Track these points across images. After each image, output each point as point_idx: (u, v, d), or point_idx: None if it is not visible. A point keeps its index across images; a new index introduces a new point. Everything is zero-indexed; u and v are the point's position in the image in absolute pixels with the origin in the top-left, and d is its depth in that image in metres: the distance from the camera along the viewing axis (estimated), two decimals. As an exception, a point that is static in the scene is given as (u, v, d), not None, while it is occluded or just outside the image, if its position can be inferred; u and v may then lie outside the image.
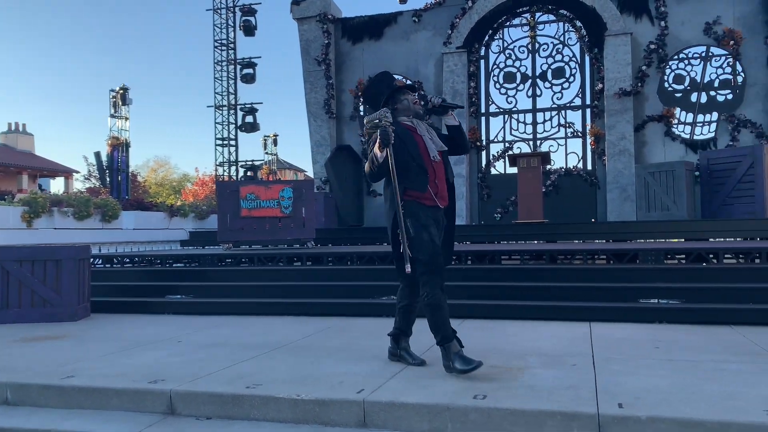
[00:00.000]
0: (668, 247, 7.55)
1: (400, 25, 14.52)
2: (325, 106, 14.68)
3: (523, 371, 4.01)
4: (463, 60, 13.91)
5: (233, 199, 9.71)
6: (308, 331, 5.79)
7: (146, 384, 3.83)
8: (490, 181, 14.07)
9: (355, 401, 3.39)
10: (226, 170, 20.59)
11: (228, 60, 20.11)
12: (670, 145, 12.71)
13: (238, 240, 9.99)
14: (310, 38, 14.91)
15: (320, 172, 14.65)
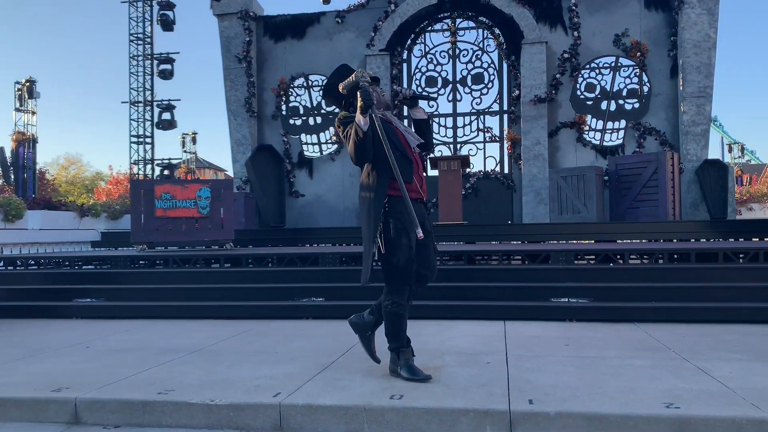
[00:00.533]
0: (578, 248, 7.88)
1: (324, 25, 14.47)
2: (246, 105, 14.42)
3: (440, 370, 4.09)
4: (386, 63, 14.01)
5: (148, 199, 9.37)
6: (226, 335, 5.67)
7: (49, 393, 3.64)
8: (411, 183, 14.21)
9: (271, 405, 3.34)
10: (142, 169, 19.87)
11: (144, 55, 19.41)
12: (582, 151, 13.28)
13: (153, 241, 9.65)
14: (230, 35, 14.61)
15: (240, 172, 14.38)
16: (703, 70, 12.47)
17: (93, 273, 8.22)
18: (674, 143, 12.81)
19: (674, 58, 12.89)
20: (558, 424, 3.14)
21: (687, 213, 12.30)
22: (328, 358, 4.52)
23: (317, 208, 14.35)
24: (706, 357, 4.40)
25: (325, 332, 5.73)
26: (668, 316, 6.05)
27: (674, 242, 9.80)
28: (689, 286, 6.46)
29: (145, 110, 19.67)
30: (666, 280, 6.65)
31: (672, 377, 3.83)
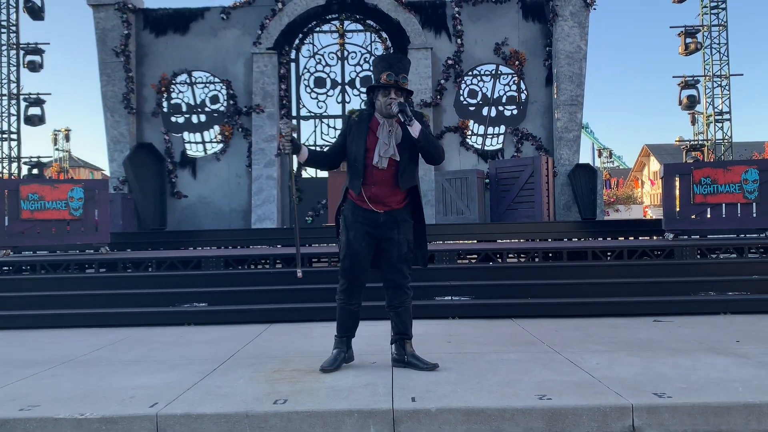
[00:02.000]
0: (461, 247, 8.16)
1: (208, 20, 14.03)
2: (124, 101, 13.69)
3: (326, 373, 4.08)
4: (273, 61, 13.82)
5: (12, 200, 8.66)
6: (100, 344, 5.35)
7: None
8: (301, 184, 14.12)
9: (147, 416, 3.20)
10: (7, 167, 18.36)
11: (9, 44, 17.94)
12: (465, 155, 13.77)
13: (19, 245, 8.95)
14: (107, 27, 13.81)
15: (118, 171, 13.63)
16: (575, 80, 13.32)
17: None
18: (549, 148, 13.58)
19: (549, 68, 13.66)
20: (439, 419, 3.24)
21: (560, 214, 13.08)
22: (210, 365, 4.39)
23: (201, 209, 13.90)
24: (575, 349, 4.70)
25: (208, 338, 5.56)
26: (543, 311, 6.41)
27: (549, 241, 10.40)
28: (562, 282, 6.88)
29: (10, 104, 18.19)
30: (541, 277, 7.04)
31: (545, 370, 4.06)
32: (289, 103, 14.17)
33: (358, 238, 4.11)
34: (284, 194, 13.99)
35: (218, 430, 3.18)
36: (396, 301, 4.23)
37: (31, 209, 8.65)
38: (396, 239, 4.12)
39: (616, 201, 29.57)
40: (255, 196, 13.47)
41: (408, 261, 4.22)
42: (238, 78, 13.97)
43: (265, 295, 6.87)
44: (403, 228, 4.15)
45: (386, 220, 4.10)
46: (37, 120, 18.07)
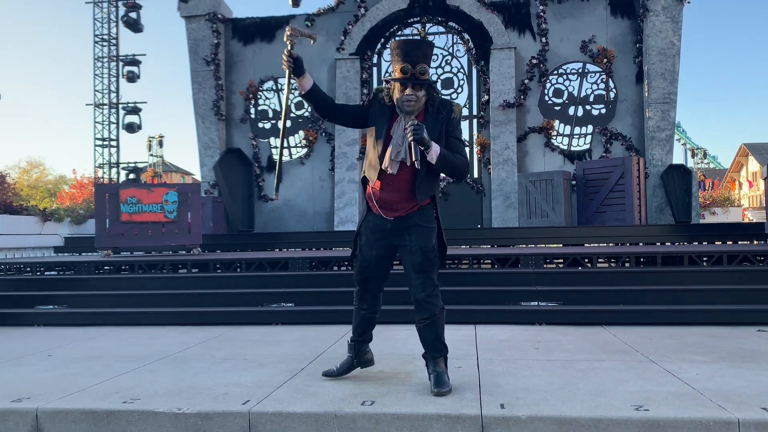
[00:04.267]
0: (547, 251, 7.95)
1: (293, 28, 14.38)
2: (214, 108, 14.26)
3: (412, 375, 4.06)
4: (356, 67, 14.00)
5: (113, 203, 9.18)
6: (193, 342, 5.56)
7: (9, 403, 3.51)
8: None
9: (240, 413, 3.28)
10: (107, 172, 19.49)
11: (110, 56, 19.05)
12: (550, 156, 13.44)
13: (118, 246, 9.47)
14: (198, 37, 14.44)
15: (208, 176, 14.20)
16: (667, 77, 12.73)
17: (56, 279, 8.01)
18: (640, 148, 13.04)
19: (639, 65, 13.13)
20: (529, 427, 3.14)
21: (652, 217, 12.53)
22: (298, 364, 4.46)
23: (286, 212, 14.25)
24: (672, 359, 4.46)
25: (295, 338, 5.67)
26: (635, 318, 6.13)
27: (640, 246, 9.97)
28: (655, 289, 6.57)
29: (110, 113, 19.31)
30: (633, 283, 6.75)
31: (640, 379, 3.87)
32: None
33: (369, 244, 3.79)
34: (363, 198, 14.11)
35: (308, 429, 3.23)
36: (418, 317, 3.77)
37: (129, 212, 9.13)
38: (408, 247, 3.68)
39: (712, 203, 28.03)
40: (337, 199, 13.68)
41: (426, 271, 3.68)
42: (322, 83, 14.23)
43: (349, 297, 6.92)
44: (416, 234, 3.66)
45: (395, 227, 3.69)
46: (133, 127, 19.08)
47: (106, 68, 19.09)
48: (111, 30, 18.89)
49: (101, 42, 18.79)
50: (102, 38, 18.77)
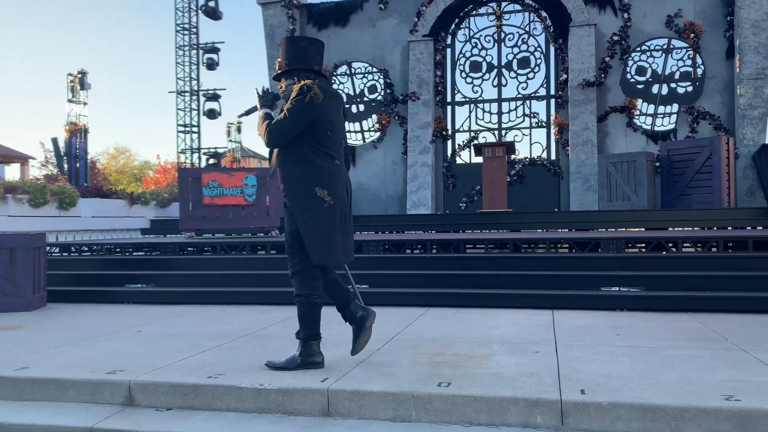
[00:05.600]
0: (629, 235, 7.68)
1: (367, 12, 14.41)
2: (290, 93, 14.49)
3: (488, 359, 4.03)
4: (429, 48, 13.88)
5: (195, 187, 9.53)
6: (272, 320, 5.72)
7: (104, 375, 3.73)
8: (455, 171, 14.12)
9: (319, 390, 3.35)
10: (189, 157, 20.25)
11: (190, 45, 19.70)
12: (632, 136, 12.93)
13: (201, 228, 9.83)
14: (274, 24, 14.70)
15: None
16: (761, 51, 11.97)
17: (143, 259, 8.41)
18: (729, 127, 12.35)
19: (730, 39, 12.39)
20: (611, 414, 3.06)
21: (742, 200, 11.86)
22: (374, 344, 4.50)
23: (360, 195, 14.38)
24: (765, 348, 4.23)
25: (371, 319, 5.72)
26: (724, 305, 5.83)
27: (729, 230, 9.46)
28: (746, 275, 6.23)
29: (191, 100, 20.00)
30: (722, 269, 6.42)
31: (730, 368, 3.69)
32: (444, 90, 14.18)
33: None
34: (438, 181, 14.05)
35: (385, 408, 3.26)
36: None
37: (211, 195, 9.46)
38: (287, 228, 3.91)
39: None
40: (410, 183, 13.68)
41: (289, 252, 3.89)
42: (395, 66, 14.22)
43: (422, 280, 6.95)
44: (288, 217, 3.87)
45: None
46: (215, 114, 19.72)
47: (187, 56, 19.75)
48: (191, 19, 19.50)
49: (182, 31, 19.44)
50: (183, 27, 19.41)
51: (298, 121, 3.72)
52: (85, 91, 20.66)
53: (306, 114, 3.71)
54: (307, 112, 3.71)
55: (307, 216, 3.72)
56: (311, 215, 3.72)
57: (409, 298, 6.58)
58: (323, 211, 3.73)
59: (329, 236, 3.75)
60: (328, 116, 3.81)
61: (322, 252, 3.73)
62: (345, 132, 4.11)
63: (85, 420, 3.35)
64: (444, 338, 4.73)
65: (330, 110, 3.83)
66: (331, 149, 3.84)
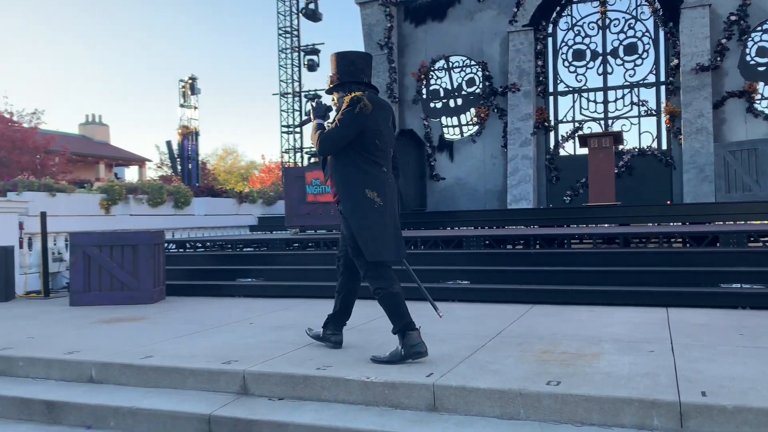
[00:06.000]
0: (751, 229, 7.15)
1: (464, 5, 14.26)
2: (388, 91, 14.62)
3: (598, 357, 3.89)
4: (529, 38, 13.55)
5: (299, 185, 9.83)
6: (374, 315, 5.79)
7: (220, 365, 3.92)
8: (558, 163, 13.71)
9: (425, 385, 3.36)
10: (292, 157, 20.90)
11: (292, 47, 20.31)
12: (753, 122, 12.01)
13: (304, 225, 10.13)
14: (372, 22, 14.86)
15: (384, 157, 14.62)
16: None
17: (252, 255, 8.78)
18: None
19: None
20: (737, 419, 2.86)
21: None
22: (478, 341, 4.47)
23: (458, 190, 14.28)
24: None
25: (472, 315, 5.68)
26: None
27: None
28: None
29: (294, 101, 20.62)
30: None
31: None
32: (546, 80, 13.81)
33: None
34: (540, 174, 13.70)
35: (492, 405, 3.22)
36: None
37: (314, 193, 9.72)
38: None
39: None
40: (510, 177, 13.43)
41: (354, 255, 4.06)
42: (494, 59, 13.99)
43: (525, 276, 6.80)
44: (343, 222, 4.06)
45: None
46: (314, 113, 20.21)
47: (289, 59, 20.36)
48: (293, 22, 20.08)
49: (284, 34, 20.06)
50: (285, 30, 20.04)
51: (348, 131, 3.91)
52: (195, 96, 21.81)
53: (355, 124, 3.89)
54: (356, 122, 3.89)
55: (358, 217, 3.92)
56: (363, 216, 3.91)
57: (512, 294, 6.46)
58: (374, 211, 3.91)
59: (381, 234, 3.91)
60: (377, 126, 3.97)
61: (375, 249, 3.90)
62: (393, 140, 4.22)
63: (204, 407, 3.54)
64: (551, 336, 4.60)
65: (379, 120, 3.99)
66: (379, 157, 4.01)
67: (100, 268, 7.17)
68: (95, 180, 26.83)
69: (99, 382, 4.11)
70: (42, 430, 3.73)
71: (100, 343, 4.81)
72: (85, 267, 7.16)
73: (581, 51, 13.59)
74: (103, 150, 36.16)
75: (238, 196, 13.75)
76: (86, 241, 7.22)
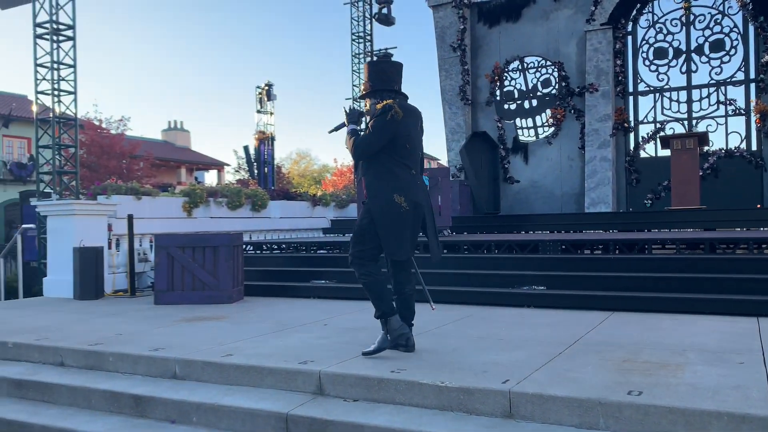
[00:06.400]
0: None
1: (539, 4, 14.00)
2: (461, 93, 14.53)
3: (683, 368, 3.72)
4: (608, 37, 13.15)
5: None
6: (448, 319, 5.77)
7: (297, 364, 4.00)
8: (639, 165, 13.23)
9: (501, 391, 3.31)
10: (364, 160, 21.08)
11: (365, 52, 20.51)
12: None
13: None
14: (445, 25, 14.81)
15: (455, 160, 14.56)
16: None
17: (326, 257, 8.92)
18: None
19: None
20: (840, 439, 2.68)
21: None
22: (555, 348, 4.37)
23: (532, 193, 14.02)
24: None
25: (548, 322, 5.56)
26: None
27: None
28: None
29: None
30: None
31: None
32: (625, 79, 13.37)
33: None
34: (620, 177, 13.26)
35: (570, 414, 3.14)
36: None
37: (386, 196, 9.76)
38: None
39: None
40: (588, 179, 13.07)
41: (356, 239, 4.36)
42: (570, 58, 13.67)
43: (604, 282, 6.60)
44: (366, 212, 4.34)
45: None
46: (387, 117, 20.35)
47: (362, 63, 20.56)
48: (366, 27, 20.29)
49: (357, 39, 20.29)
50: (358, 36, 20.26)
51: (381, 136, 4.21)
52: (271, 102, 22.37)
53: (388, 130, 4.19)
54: (389, 128, 4.19)
55: (386, 219, 4.21)
56: (390, 218, 4.21)
57: (590, 301, 6.28)
58: (400, 215, 4.21)
59: (403, 236, 4.24)
60: (407, 131, 4.28)
61: (396, 248, 4.25)
62: (422, 144, 4.53)
63: (282, 406, 3.62)
64: (632, 344, 4.44)
65: (409, 126, 4.30)
66: (409, 160, 4.31)
67: (182, 268, 7.47)
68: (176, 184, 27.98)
69: (182, 378, 4.28)
70: (130, 423, 3.92)
71: (183, 340, 5.01)
72: (169, 267, 7.47)
73: (663, 49, 13.07)
74: (184, 155, 37.66)
75: (312, 199, 14.00)
76: (170, 243, 7.54)
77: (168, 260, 7.48)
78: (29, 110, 19.24)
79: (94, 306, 7.49)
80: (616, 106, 13.25)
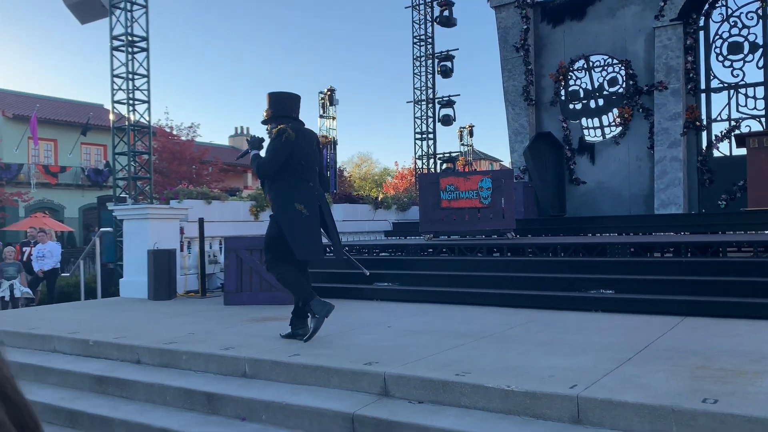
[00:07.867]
0: None
1: (605, 2, 13.65)
2: (524, 93, 14.33)
3: (761, 376, 3.57)
4: (678, 33, 12.70)
5: (433, 191, 9.90)
6: (512, 323, 5.72)
7: (362, 365, 4.06)
8: (712, 165, 12.70)
9: (568, 396, 3.27)
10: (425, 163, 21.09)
11: (426, 55, 20.51)
12: None
13: (438, 231, 10.18)
14: (507, 25, 14.65)
15: (518, 161, 14.36)
16: None
17: (388, 259, 8.98)
18: None
19: None
20: None
21: None
22: (624, 353, 4.26)
23: (599, 195, 13.67)
24: None
25: (616, 326, 5.43)
26: None
27: None
28: None
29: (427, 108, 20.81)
30: None
31: None
32: (697, 76, 12.86)
33: None
34: (691, 177, 12.77)
35: (640, 421, 3.07)
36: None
37: (448, 199, 9.76)
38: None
39: None
40: (657, 180, 12.65)
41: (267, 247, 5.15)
42: (638, 56, 13.28)
43: (676, 286, 6.39)
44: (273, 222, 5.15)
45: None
46: (448, 120, 20.30)
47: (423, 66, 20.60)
48: (427, 30, 20.31)
49: (419, 42, 20.33)
50: (419, 39, 20.31)
51: (277, 156, 4.98)
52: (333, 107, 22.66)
53: (283, 150, 4.96)
54: (284, 148, 4.95)
55: (291, 225, 4.91)
56: (294, 224, 4.92)
57: (660, 305, 6.09)
58: (303, 220, 4.94)
59: (308, 239, 4.98)
60: (302, 150, 5.04)
61: (303, 250, 4.95)
62: (319, 160, 5.41)
63: (348, 406, 3.68)
64: (706, 351, 4.29)
65: (303, 146, 5.07)
66: (306, 175, 5.06)
67: (251, 270, 7.68)
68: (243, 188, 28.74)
69: (251, 377, 4.41)
70: (203, 420, 4.07)
71: (252, 340, 5.16)
72: (238, 269, 7.70)
73: (738, 43, 12.50)
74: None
75: (374, 202, 14.12)
76: (239, 245, 7.77)
77: (237, 262, 7.70)
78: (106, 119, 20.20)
79: (167, 306, 7.80)
80: (687, 104, 12.77)
